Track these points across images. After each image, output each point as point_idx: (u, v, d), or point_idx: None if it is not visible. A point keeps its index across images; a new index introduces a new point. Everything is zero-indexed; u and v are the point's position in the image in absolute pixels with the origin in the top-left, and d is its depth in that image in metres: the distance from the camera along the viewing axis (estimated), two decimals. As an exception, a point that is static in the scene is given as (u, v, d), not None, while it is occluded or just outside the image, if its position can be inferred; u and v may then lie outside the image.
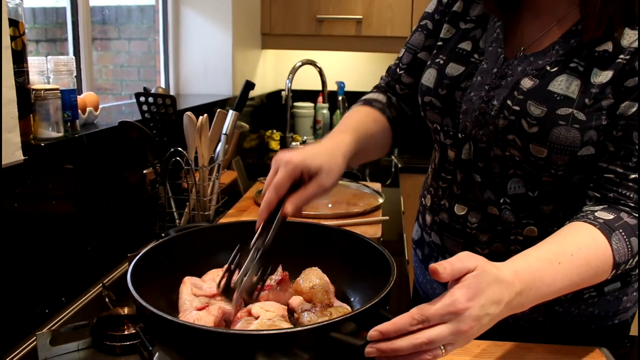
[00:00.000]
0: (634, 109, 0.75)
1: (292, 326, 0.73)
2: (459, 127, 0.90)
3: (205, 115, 1.28)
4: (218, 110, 1.34)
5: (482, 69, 0.88)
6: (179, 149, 1.23)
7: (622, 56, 0.76)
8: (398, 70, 1.05)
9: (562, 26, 0.83)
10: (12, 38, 1.00)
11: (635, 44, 0.75)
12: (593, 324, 0.93)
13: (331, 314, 0.78)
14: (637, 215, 0.74)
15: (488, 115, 0.85)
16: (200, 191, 1.30)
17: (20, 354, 0.87)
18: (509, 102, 0.83)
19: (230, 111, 1.46)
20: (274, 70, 2.95)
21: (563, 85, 0.79)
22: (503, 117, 0.83)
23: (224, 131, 1.42)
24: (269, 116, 2.79)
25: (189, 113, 1.27)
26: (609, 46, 0.77)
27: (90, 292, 1.08)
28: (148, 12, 2.18)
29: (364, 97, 1.06)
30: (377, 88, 1.10)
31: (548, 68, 0.81)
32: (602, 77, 0.77)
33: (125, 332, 0.84)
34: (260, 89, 2.63)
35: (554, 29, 0.84)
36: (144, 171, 1.37)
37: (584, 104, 0.77)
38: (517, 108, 0.81)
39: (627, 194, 0.75)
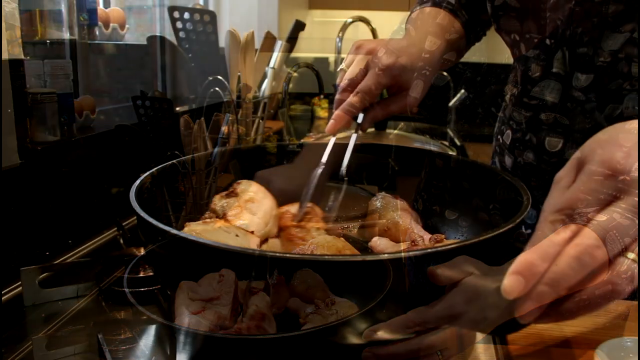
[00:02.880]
0: (619, 111, 0.75)
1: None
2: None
3: (202, 118, 1.28)
4: (215, 113, 1.34)
5: None
6: (176, 152, 1.23)
7: (602, 59, 0.77)
8: None
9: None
10: (9, 42, 0.99)
11: (614, 47, 0.76)
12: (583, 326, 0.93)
13: (337, 312, 0.78)
14: (629, 216, 0.75)
15: None
16: (197, 195, 1.30)
17: (17, 359, 0.86)
18: None
19: (227, 115, 1.46)
20: (273, 73, 2.95)
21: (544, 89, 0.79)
22: None
23: (220, 134, 1.42)
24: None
25: (185, 116, 1.27)
26: (589, 49, 0.78)
27: (87, 296, 1.07)
28: (145, 14, 2.18)
29: None
30: None
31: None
32: (583, 80, 0.77)
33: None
34: (257, 92, 2.62)
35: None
36: (141, 175, 1.37)
37: (567, 108, 0.78)
38: None
39: (618, 195, 0.76)
